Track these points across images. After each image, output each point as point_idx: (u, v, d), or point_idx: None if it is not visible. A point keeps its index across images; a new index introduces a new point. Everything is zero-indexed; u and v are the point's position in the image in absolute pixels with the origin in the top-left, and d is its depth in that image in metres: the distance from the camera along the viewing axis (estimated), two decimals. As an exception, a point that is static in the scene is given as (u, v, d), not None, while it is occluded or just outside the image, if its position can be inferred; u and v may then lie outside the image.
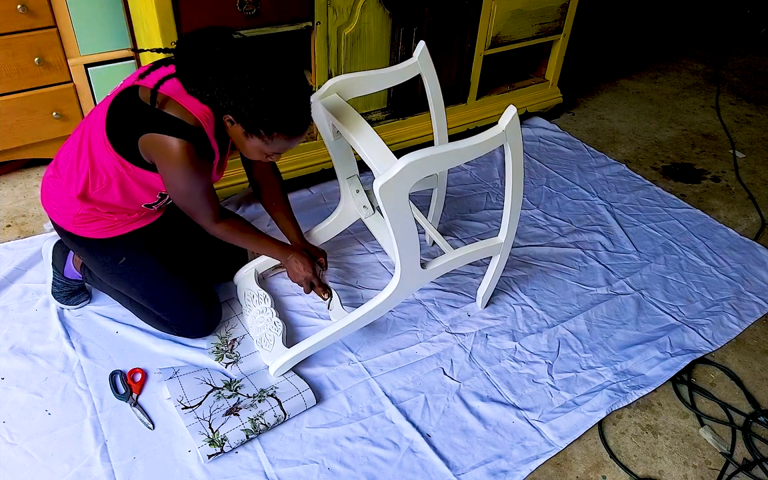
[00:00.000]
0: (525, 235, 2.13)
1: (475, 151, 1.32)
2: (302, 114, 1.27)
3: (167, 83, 1.25)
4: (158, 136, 1.25)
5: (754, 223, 2.32)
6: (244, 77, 1.18)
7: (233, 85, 1.19)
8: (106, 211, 1.43)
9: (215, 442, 1.33)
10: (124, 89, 1.32)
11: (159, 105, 1.25)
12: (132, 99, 1.29)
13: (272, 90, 1.20)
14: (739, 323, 1.83)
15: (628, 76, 3.47)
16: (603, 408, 1.53)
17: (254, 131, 1.24)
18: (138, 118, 1.27)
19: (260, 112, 1.21)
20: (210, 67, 1.19)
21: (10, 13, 1.86)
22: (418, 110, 2.34)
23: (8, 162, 2.18)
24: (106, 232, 1.46)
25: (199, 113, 1.26)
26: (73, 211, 1.42)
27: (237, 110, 1.22)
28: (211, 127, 1.29)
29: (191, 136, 1.25)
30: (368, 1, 1.96)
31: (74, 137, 1.40)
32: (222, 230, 1.48)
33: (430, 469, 1.38)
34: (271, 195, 1.64)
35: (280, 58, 1.23)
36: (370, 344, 1.66)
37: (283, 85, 1.21)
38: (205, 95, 1.23)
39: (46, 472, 1.29)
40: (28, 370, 1.50)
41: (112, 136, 1.30)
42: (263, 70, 1.19)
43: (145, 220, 1.51)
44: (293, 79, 1.24)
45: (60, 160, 1.43)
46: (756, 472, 1.44)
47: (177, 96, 1.26)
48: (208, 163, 1.33)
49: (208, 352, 1.58)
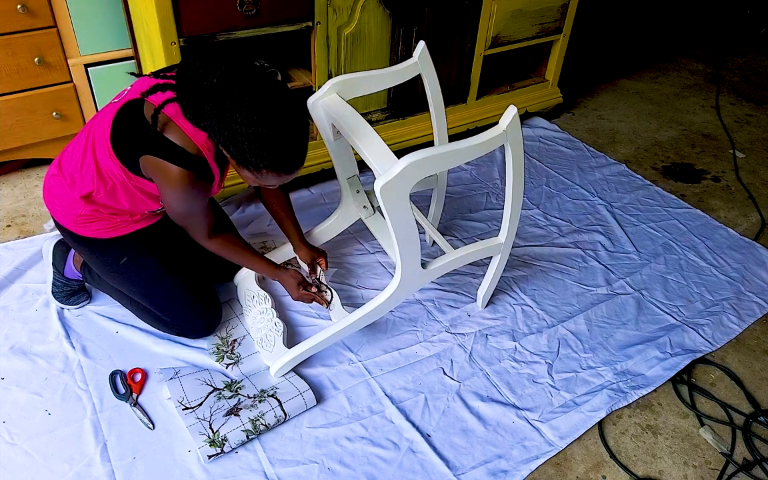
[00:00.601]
0: (525, 235, 2.13)
1: (475, 151, 1.32)
2: (293, 155, 1.23)
3: (170, 106, 1.25)
4: (159, 161, 1.25)
5: (754, 223, 2.32)
6: (235, 117, 1.14)
7: (224, 122, 1.16)
8: (109, 212, 1.43)
9: (215, 442, 1.33)
10: (129, 101, 1.31)
11: (161, 127, 1.24)
12: (136, 114, 1.29)
13: (263, 132, 1.16)
14: (739, 323, 1.83)
15: (628, 76, 3.47)
16: (603, 408, 1.53)
17: (244, 166, 1.22)
18: (140, 137, 1.26)
19: (248, 153, 1.18)
20: (206, 98, 1.18)
21: (10, 13, 1.86)
22: (418, 110, 2.34)
23: (8, 162, 2.18)
24: (107, 232, 1.46)
25: (200, 141, 1.27)
26: (75, 212, 1.42)
27: (226, 146, 1.20)
28: (212, 153, 1.30)
29: (191, 165, 1.26)
30: (368, 1, 1.96)
31: (79, 140, 1.40)
32: (215, 246, 1.50)
33: (430, 469, 1.38)
34: (272, 196, 1.65)
35: (279, 93, 1.19)
36: (370, 344, 1.66)
37: (275, 128, 1.17)
38: (200, 124, 1.23)
39: (46, 472, 1.29)
40: (28, 370, 1.50)
41: (116, 146, 1.30)
42: (257, 109, 1.15)
43: (147, 222, 1.51)
44: (288, 118, 1.20)
45: (64, 161, 1.43)
46: (756, 472, 1.44)
47: (179, 119, 1.26)
48: (207, 184, 1.33)
49: (209, 352, 1.58)
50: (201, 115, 1.21)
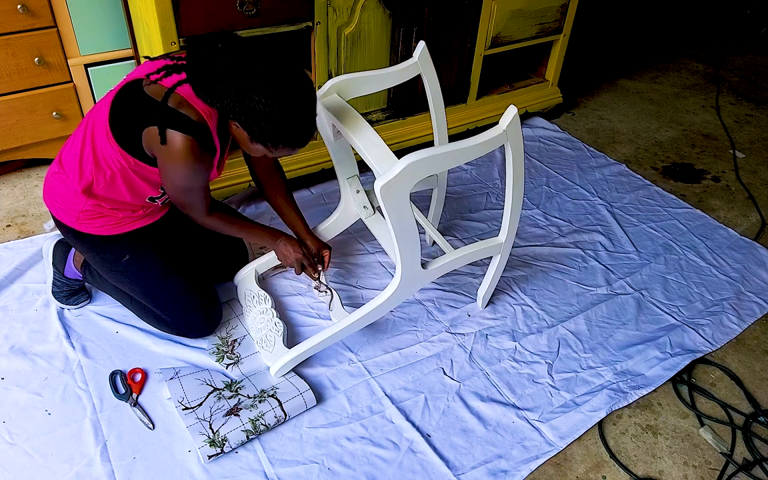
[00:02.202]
0: (525, 235, 2.13)
1: (475, 151, 1.32)
2: (309, 129, 1.29)
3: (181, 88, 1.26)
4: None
5: (754, 223, 2.32)
6: (255, 96, 1.19)
7: (244, 101, 1.20)
8: (111, 207, 1.43)
9: (215, 442, 1.33)
10: (128, 82, 1.33)
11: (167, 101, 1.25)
12: (136, 92, 1.30)
13: (281, 110, 1.21)
14: (739, 323, 1.83)
15: (628, 76, 3.47)
16: (603, 408, 1.53)
17: (260, 142, 1.27)
18: (142, 110, 1.27)
19: (268, 131, 1.23)
20: (223, 78, 1.20)
21: (10, 13, 1.86)
22: (418, 110, 2.34)
23: (8, 162, 2.18)
24: (110, 229, 1.46)
25: (203, 109, 1.27)
26: (78, 208, 1.42)
27: (245, 124, 1.24)
28: (214, 123, 1.31)
29: (195, 132, 1.26)
30: (368, 1, 1.96)
31: (78, 132, 1.40)
32: (212, 222, 1.50)
33: (430, 469, 1.38)
34: (275, 192, 1.65)
35: (289, 66, 1.24)
36: (370, 344, 1.66)
37: (292, 104, 1.23)
38: (215, 103, 1.25)
39: (46, 472, 1.29)
40: (28, 370, 1.50)
41: (115, 128, 1.30)
42: (273, 86, 1.20)
43: (149, 219, 1.51)
44: (302, 92, 1.25)
45: (64, 156, 1.43)
46: (756, 472, 1.44)
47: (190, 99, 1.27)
48: (210, 157, 1.33)
49: (209, 352, 1.58)
50: (216, 94, 1.22)
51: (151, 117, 1.26)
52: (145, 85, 1.29)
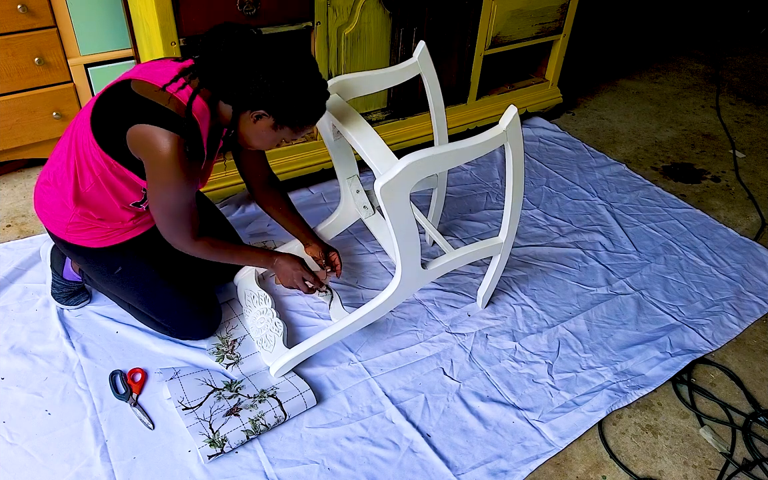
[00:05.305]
0: (525, 235, 2.13)
1: (475, 151, 1.32)
2: (326, 98, 1.33)
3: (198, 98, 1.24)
4: (148, 128, 1.19)
5: (754, 223, 2.32)
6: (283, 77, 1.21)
7: (274, 82, 1.20)
8: (99, 217, 1.39)
9: (215, 442, 1.33)
10: (112, 86, 1.29)
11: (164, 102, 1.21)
12: (123, 91, 1.25)
13: (308, 85, 1.25)
14: (739, 323, 1.83)
15: (628, 76, 3.47)
16: (603, 408, 1.53)
17: (287, 123, 1.28)
18: (127, 109, 1.22)
19: (297, 109, 1.26)
20: (243, 66, 1.19)
21: (10, 13, 1.86)
22: (418, 110, 2.34)
23: (8, 162, 2.18)
24: (99, 241, 1.43)
25: (196, 107, 1.23)
26: (65, 219, 1.39)
27: (275, 107, 1.24)
28: (206, 126, 1.27)
29: (182, 129, 1.20)
30: (368, 1, 1.96)
31: (63, 140, 1.37)
32: (201, 248, 1.41)
33: (430, 469, 1.38)
34: (270, 199, 1.63)
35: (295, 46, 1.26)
36: (370, 344, 1.66)
37: (314, 77, 1.26)
38: (235, 96, 1.23)
39: (46, 472, 1.29)
40: (28, 370, 1.50)
41: (98, 131, 1.27)
42: (296, 65, 1.23)
43: (140, 229, 1.48)
44: (314, 66, 1.28)
45: (50, 164, 1.40)
46: (756, 472, 1.44)
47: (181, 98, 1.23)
48: (196, 164, 1.28)
49: (209, 352, 1.58)
50: (240, 84, 1.21)
51: (136, 115, 1.21)
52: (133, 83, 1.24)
